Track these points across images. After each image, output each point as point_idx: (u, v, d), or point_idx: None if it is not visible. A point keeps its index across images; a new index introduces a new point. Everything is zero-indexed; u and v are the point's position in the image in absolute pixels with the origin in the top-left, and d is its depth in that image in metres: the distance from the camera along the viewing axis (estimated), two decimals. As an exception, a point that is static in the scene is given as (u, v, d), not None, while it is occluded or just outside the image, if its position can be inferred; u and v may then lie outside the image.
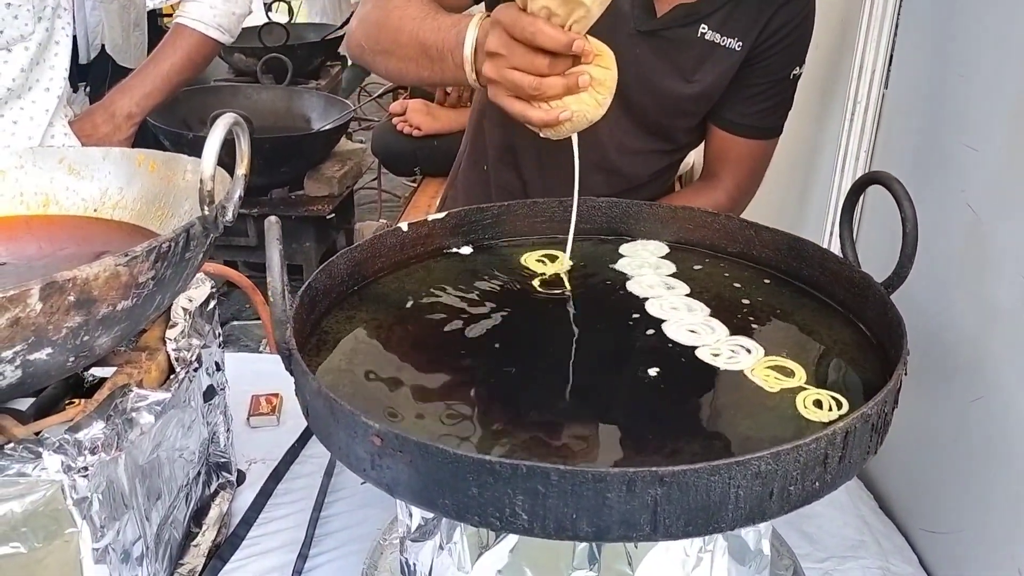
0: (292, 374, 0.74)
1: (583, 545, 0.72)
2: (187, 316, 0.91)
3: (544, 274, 0.95)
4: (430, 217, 0.99)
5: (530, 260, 0.98)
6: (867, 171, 1.18)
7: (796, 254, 0.93)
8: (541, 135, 0.94)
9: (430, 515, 0.79)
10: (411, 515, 0.81)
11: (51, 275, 0.62)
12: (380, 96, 3.85)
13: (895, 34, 1.11)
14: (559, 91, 0.89)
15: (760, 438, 0.70)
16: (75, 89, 1.77)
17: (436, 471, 0.61)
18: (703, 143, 1.34)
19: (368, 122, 3.99)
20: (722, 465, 0.59)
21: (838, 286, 0.88)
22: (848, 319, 0.86)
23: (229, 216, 0.78)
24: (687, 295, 0.90)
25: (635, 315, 0.87)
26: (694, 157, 1.66)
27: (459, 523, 0.75)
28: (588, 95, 0.90)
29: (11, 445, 0.70)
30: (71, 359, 0.70)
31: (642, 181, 1.31)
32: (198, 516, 0.97)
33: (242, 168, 0.80)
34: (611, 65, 0.90)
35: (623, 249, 1.00)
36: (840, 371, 0.79)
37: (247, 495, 1.06)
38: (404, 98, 3.02)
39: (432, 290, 0.93)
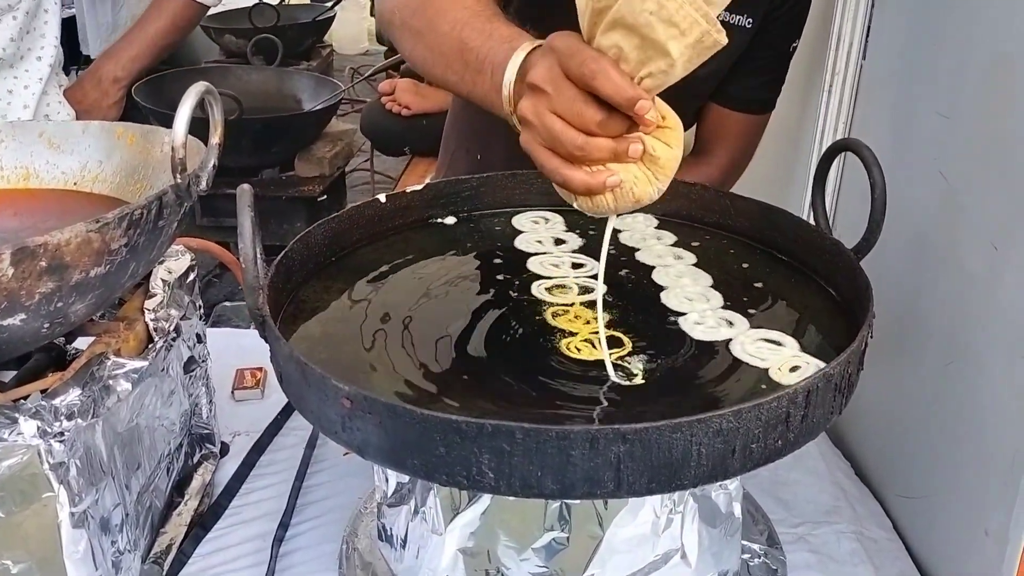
0: (266, 341, 0.75)
1: (554, 506, 0.73)
2: (166, 287, 0.92)
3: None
4: (408, 189, 1.00)
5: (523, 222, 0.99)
6: (845, 142, 1.18)
7: (770, 223, 0.94)
8: (574, 205, 0.75)
9: (405, 480, 0.80)
10: (387, 480, 0.82)
11: (22, 240, 0.62)
12: (371, 76, 3.83)
13: (872, 5, 1.11)
14: (605, 156, 0.70)
15: (729, 400, 0.71)
16: (68, 73, 1.78)
17: (404, 431, 0.62)
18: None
19: (360, 103, 3.98)
20: (683, 423, 0.60)
21: (811, 254, 0.89)
22: (820, 286, 0.87)
23: (203, 185, 0.79)
24: (694, 264, 0.91)
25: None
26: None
27: (432, 487, 0.76)
28: (639, 168, 0.71)
29: (-12, 411, 0.70)
30: (45, 325, 0.70)
31: None
32: (180, 486, 0.98)
33: (215, 137, 0.81)
34: (676, 143, 0.72)
35: (617, 223, 1.00)
36: (814, 337, 0.80)
37: (230, 466, 1.07)
38: (394, 78, 3.02)
39: (410, 260, 0.94)
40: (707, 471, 0.62)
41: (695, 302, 0.82)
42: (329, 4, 3.90)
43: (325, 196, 2.83)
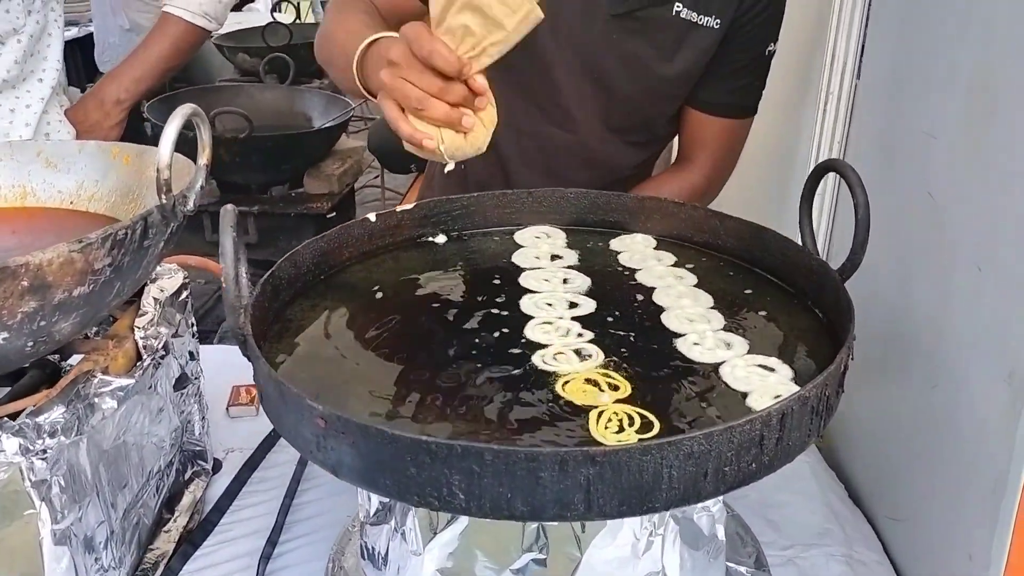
0: (248, 359, 0.76)
1: (532, 527, 0.73)
2: (157, 305, 0.93)
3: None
4: (398, 208, 1.01)
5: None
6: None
7: (759, 243, 0.93)
8: (409, 149, 0.93)
9: (386, 499, 0.80)
10: (370, 499, 0.82)
11: (3, 260, 0.63)
12: (363, 102, 3.86)
13: (866, 25, 1.11)
14: (439, 116, 0.88)
15: (707, 421, 0.71)
16: (82, 89, 1.81)
17: (376, 452, 0.62)
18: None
19: (370, 120, 4.00)
20: (653, 445, 0.60)
21: (798, 274, 0.89)
22: (808, 307, 0.86)
23: (190, 205, 0.80)
24: (695, 285, 0.91)
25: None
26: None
27: (411, 507, 0.76)
28: (455, 136, 0.90)
29: (-28, 428, 0.71)
30: (29, 344, 0.71)
31: (624, 174, 1.32)
32: (171, 503, 0.98)
33: (203, 159, 0.82)
34: (491, 123, 0.91)
35: (614, 244, 1.00)
36: (803, 359, 0.79)
37: (222, 483, 1.07)
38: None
39: (400, 279, 0.94)
40: (679, 494, 0.62)
41: (696, 323, 0.82)
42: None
43: (334, 213, 2.85)
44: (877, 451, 1.01)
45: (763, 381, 0.73)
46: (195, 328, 1.02)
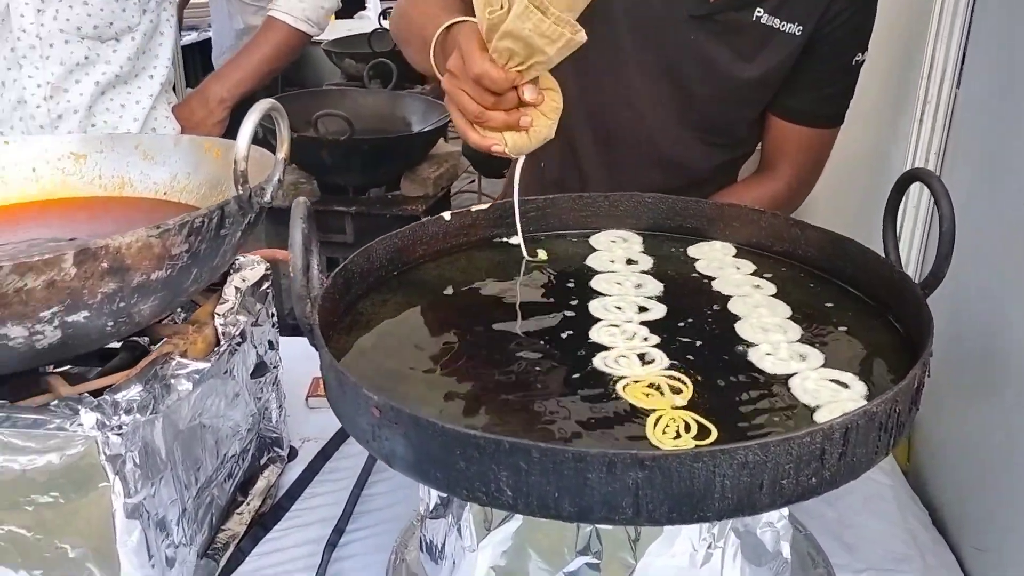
0: (315, 348, 0.77)
1: (586, 531, 0.72)
2: (238, 294, 0.95)
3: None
4: (473, 208, 1.01)
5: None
6: (939, 173, 1.13)
7: (840, 253, 0.90)
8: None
9: (443, 494, 0.80)
10: (429, 493, 0.83)
11: (85, 242, 0.66)
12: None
13: (968, 31, 1.06)
14: (499, 125, 0.92)
15: (767, 433, 0.69)
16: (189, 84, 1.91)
17: (427, 443, 0.63)
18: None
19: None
20: (705, 452, 0.58)
21: (879, 287, 0.85)
22: (888, 321, 0.83)
23: (267, 197, 0.82)
24: (773, 295, 0.89)
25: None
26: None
27: (467, 503, 0.76)
28: (520, 134, 0.93)
29: (55, 402, 0.75)
30: (109, 324, 0.74)
31: (701, 177, 1.30)
32: (245, 486, 1.01)
33: (282, 152, 0.85)
34: (553, 114, 0.93)
35: (692, 251, 0.99)
36: (882, 375, 0.76)
37: (296, 470, 1.10)
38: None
39: (471, 277, 0.95)
40: (733, 504, 0.60)
41: (771, 333, 0.80)
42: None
43: (429, 216, 2.89)
44: (964, 477, 0.96)
45: (834, 396, 0.71)
46: (275, 318, 1.05)
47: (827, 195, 1.26)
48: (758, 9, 1.16)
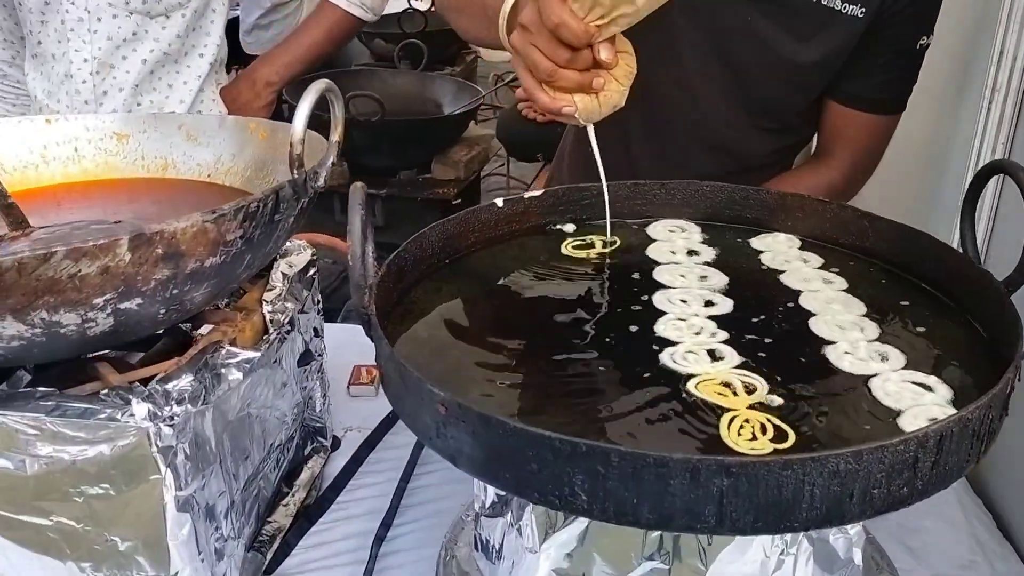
0: (372, 339, 0.75)
1: (654, 535, 0.69)
2: (285, 281, 0.93)
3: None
4: (525, 195, 0.98)
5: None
6: (1006, 164, 1.08)
7: (913, 247, 0.87)
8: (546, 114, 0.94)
9: (503, 492, 0.78)
10: (486, 490, 0.80)
11: (139, 227, 0.64)
12: (511, 82, 3.85)
13: (1045, 16, 1.01)
14: (571, 85, 0.88)
15: (846, 438, 0.65)
16: (228, 72, 1.88)
17: (497, 444, 0.60)
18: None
19: (500, 108, 4.01)
20: (795, 460, 0.55)
21: (956, 283, 0.81)
22: (967, 320, 0.79)
23: (320, 181, 0.80)
24: (844, 290, 0.85)
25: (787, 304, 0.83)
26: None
27: (528, 503, 0.73)
28: (591, 98, 0.89)
29: (105, 391, 0.73)
30: (162, 311, 0.72)
31: (754, 163, 1.26)
32: (289, 477, 0.99)
33: (335, 135, 0.82)
34: (626, 80, 0.90)
35: (755, 243, 0.95)
36: (959, 376, 0.72)
37: (340, 461, 1.08)
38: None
39: (526, 266, 0.92)
40: (821, 514, 0.57)
41: (847, 331, 0.76)
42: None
43: (460, 199, 2.86)
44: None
45: (917, 400, 0.67)
46: (321, 305, 1.03)
47: (878, 185, 1.22)
48: None
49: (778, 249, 0.92)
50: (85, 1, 1.45)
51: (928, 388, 0.69)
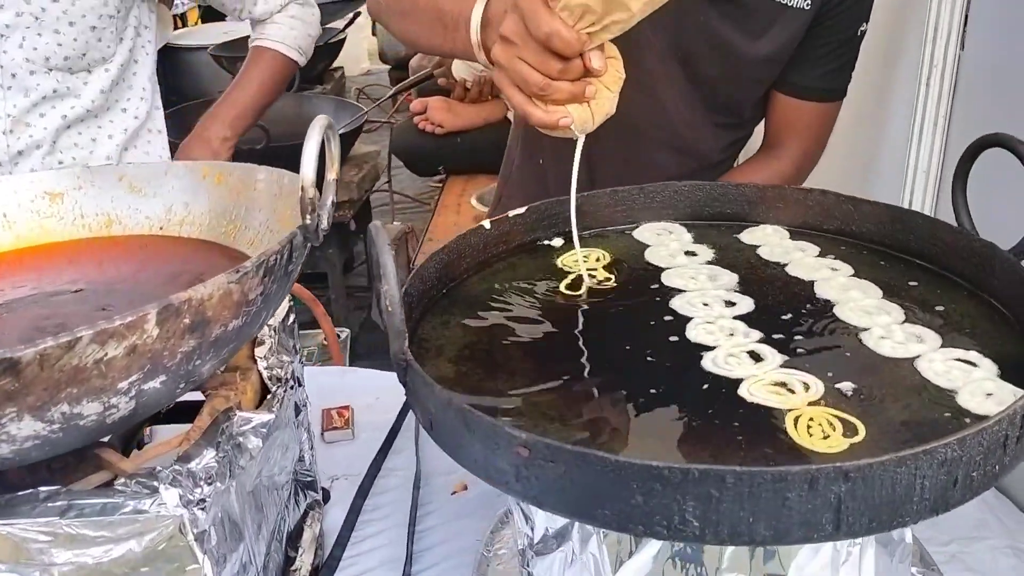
0: (407, 386, 0.70)
1: (729, 548, 0.68)
2: (272, 332, 0.87)
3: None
4: (510, 214, 0.95)
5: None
6: (945, 137, 1.13)
7: (903, 226, 0.89)
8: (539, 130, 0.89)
9: (557, 525, 0.74)
10: (533, 526, 0.77)
11: (167, 298, 0.57)
12: (382, 102, 3.80)
13: (970, -5, 1.07)
14: (565, 97, 0.84)
15: (916, 423, 0.66)
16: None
17: (595, 481, 0.57)
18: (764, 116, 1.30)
19: (374, 123, 3.94)
20: (908, 456, 0.55)
21: (956, 257, 0.84)
22: (973, 292, 0.82)
23: (325, 224, 0.74)
24: (852, 276, 0.85)
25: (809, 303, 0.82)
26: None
27: (595, 532, 0.71)
28: (584, 108, 0.86)
29: (121, 481, 0.65)
30: (180, 386, 0.65)
31: (712, 160, 1.27)
32: (292, 540, 0.92)
33: (332, 173, 0.77)
34: (615, 86, 0.87)
35: (745, 238, 0.95)
36: (991, 350, 0.73)
37: (334, 513, 1.02)
38: (409, 97, 2.98)
39: (530, 287, 0.89)
40: (929, 505, 0.57)
41: (875, 316, 0.77)
42: (341, 27, 3.86)
43: (355, 221, 2.79)
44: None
45: (968, 376, 0.69)
46: (300, 353, 0.97)
47: (825, 163, 1.26)
48: None
49: (771, 242, 0.92)
50: None
51: (973, 364, 0.70)
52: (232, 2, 1.69)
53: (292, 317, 0.93)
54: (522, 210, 0.96)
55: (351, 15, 3.91)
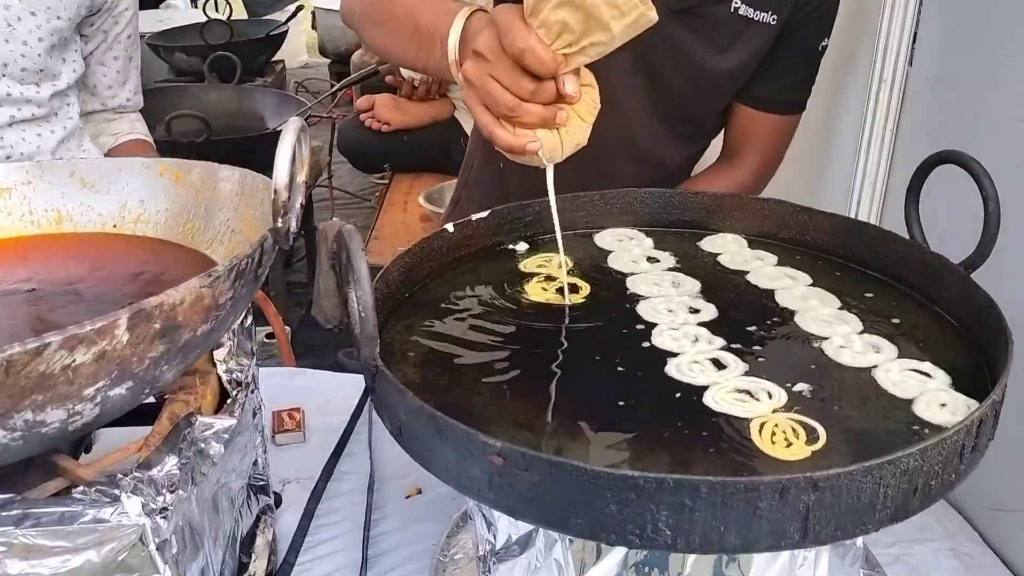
0: (375, 392, 0.70)
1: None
2: (232, 335, 0.85)
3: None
4: (474, 217, 0.95)
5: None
6: (892, 150, 1.17)
7: (856, 238, 0.91)
8: (502, 152, 0.86)
9: (520, 532, 0.75)
10: (496, 532, 0.77)
11: (139, 303, 0.56)
12: (323, 98, 3.76)
13: (919, 11, 1.10)
14: (535, 121, 0.81)
15: (874, 431, 0.68)
16: None
17: (569, 490, 0.58)
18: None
19: (316, 118, 3.89)
20: (875, 465, 0.57)
21: (906, 269, 0.87)
22: (922, 303, 0.84)
23: (294, 226, 0.73)
24: (810, 285, 0.87)
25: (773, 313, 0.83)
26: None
27: (560, 538, 0.71)
28: (554, 134, 0.83)
29: (80, 489, 0.64)
30: (145, 391, 0.64)
31: (672, 169, 1.29)
32: (245, 546, 0.91)
33: (302, 175, 0.75)
34: (589, 117, 0.84)
35: (705, 246, 0.96)
36: (943, 360, 0.75)
37: (287, 518, 1.01)
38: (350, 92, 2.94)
39: (495, 291, 0.89)
40: (891, 513, 0.59)
41: (834, 325, 0.79)
42: (283, 19, 3.80)
43: (350, 226, 2.75)
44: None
45: (923, 387, 0.71)
46: (256, 357, 0.95)
47: (776, 173, 1.29)
48: (735, 0, 1.15)
49: (731, 250, 0.94)
50: None
51: (927, 375, 0.73)
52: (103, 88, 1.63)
53: (250, 319, 0.92)
54: (485, 214, 0.96)
55: (294, 8, 3.85)
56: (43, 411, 0.55)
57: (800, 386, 0.72)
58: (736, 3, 1.15)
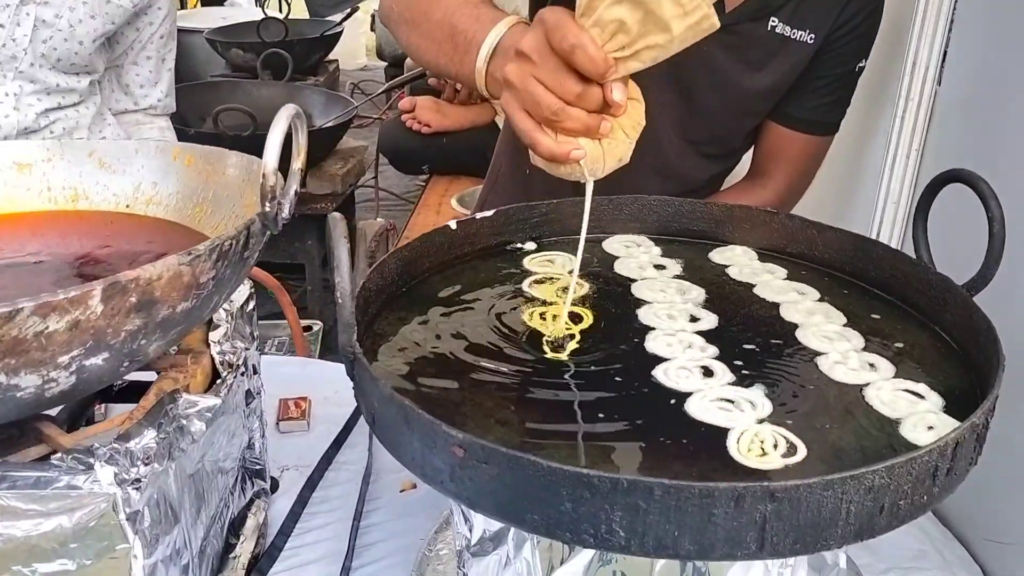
0: (354, 379, 0.70)
1: (662, 561, 0.68)
2: (229, 318, 0.87)
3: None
4: (477, 215, 0.96)
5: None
6: (917, 170, 1.15)
7: (863, 255, 0.90)
8: (539, 164, 0.81)
9: (494, 527, 0.75)
10: (471, 527, 0.77)
11: (115, 275, 0.57)
12: (374, 97, 3.80)
13: (949, 30, 1.08)
14: (578, 128, 0.77)
15: (855, 448, 0.66)
16: None
17: (525, 484, 0.57)
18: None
19: (365, 119, 3.94)
20: (836, 480, 0.55)
21: (911, 289, 0.85)
22: (922, 323, 0.83)
23: (286, 212, 0.74)
24: (818, 300, 0.86)
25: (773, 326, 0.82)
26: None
27: (529, 537, 0.71)
28: (597, 145, 0.78)
29: (58, 455, 0.65)
30: (124, 364, 0.65)
31: (696, 186, 1.28)
32: (235, 527, 0.92)
33: (298, 162, 0.77)
34: (634, 133, 0.80)
35: (715, 257, 0.95)
36: (939, 382, 0.74)
37: (281, 503, 1.02)
38: (403, 95, 2.98)
39: (495, 288, 0.89)
40: (854, 530, 0.57)
41: (835, 341, 0.77)
42: (338, 19, 3.86)
43: (338, 214, 2.78)
44: (974, 473, 0.97)
45: (913, 408, 0.69)
46: (258, 341, 0.96)
47: (807, 193, 1.27)
48: (773, 18, 1.13)
49: (741, 262, 0.93)
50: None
51: (920, 396, 0.71)
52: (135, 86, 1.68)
53: (252, 304, 0.93)
54: (489, 213, 0.96)
55: (349, 8, 3.91)
56: (17, 375, 0.57)
57: (786, 398, 0.71)
58: (774, 21, 1.13)
